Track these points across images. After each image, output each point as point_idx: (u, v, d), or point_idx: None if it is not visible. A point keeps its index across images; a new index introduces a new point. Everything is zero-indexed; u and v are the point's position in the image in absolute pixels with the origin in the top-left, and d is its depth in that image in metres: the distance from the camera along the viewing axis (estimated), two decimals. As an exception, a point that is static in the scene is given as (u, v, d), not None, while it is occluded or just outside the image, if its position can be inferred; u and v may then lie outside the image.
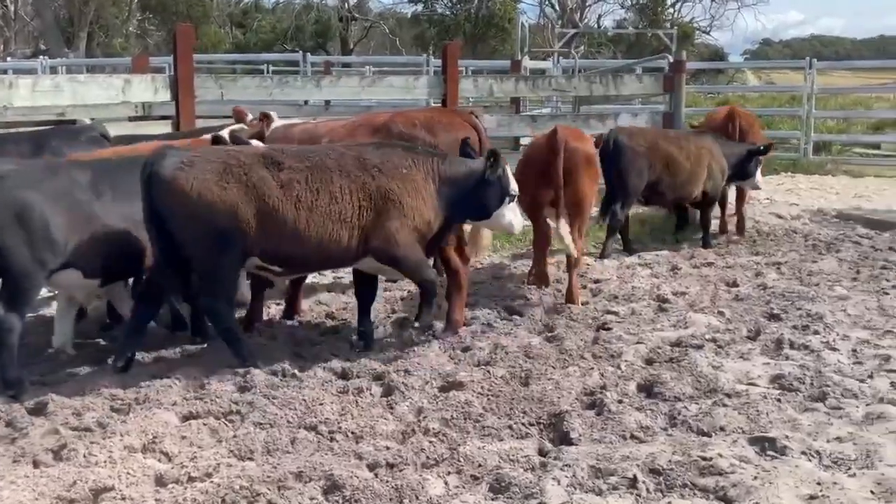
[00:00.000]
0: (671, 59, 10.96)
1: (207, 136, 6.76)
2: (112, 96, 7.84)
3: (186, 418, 4.59)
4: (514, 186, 5.87)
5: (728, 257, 8.77)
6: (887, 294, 7.03)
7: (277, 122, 7.14)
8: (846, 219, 11.21)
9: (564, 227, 6.58)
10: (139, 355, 5.56)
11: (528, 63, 16.22)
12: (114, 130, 8.01)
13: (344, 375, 5.24)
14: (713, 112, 11.47)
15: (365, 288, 5.90)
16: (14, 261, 4.83)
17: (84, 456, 4.06)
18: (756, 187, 10.02)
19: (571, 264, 6.87)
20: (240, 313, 6.06)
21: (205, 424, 4.46)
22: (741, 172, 9.56)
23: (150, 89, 8.13)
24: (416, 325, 6.05)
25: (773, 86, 30.52)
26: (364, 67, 22.64)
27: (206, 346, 5.76)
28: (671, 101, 10.55)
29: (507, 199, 5.83)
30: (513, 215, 5.93)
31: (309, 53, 22.25)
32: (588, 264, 8.22)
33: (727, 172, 9.44)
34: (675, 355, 5.50)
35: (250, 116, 7.33)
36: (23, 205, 4.85)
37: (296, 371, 5.23)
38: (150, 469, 3.97)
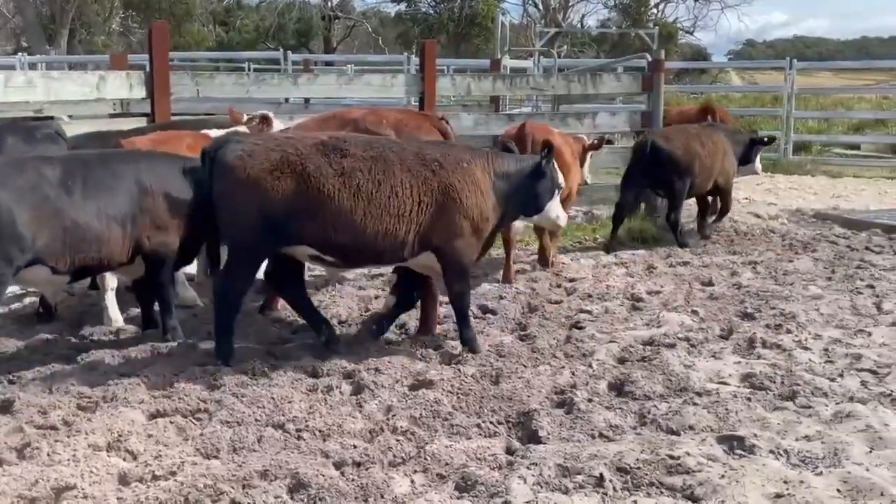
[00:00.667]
0: (650, 59, 10.94)
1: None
2: (86, 93, 7.75)
3: (153, 416, 4.54)
4: (560, 179, 5.94)
5: (704, 256, 8.80)
6: (860, 293, 7.07)
7: (278, 125, 7.15)
8: (824, 219, 11.29)
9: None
10: (107, 354, 5.51)
11: (508, 62, 16.24)
12: (91, 127, 8.00)
13: (314, 374, 5.21)
14: (685, 107, 11.77)
15: (413, 285, 5.83)
16: None
17: (48, 454, 4.01)
18: (755, 172, 10.57)
19: (509, 248, 7.30)
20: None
21: (171, 423, 4.42)
22: (743, 159, 10.16)
23: (125, 86, 8.05)
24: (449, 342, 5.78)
25: (756, 86, 30.64)
26: (345, 66, 22.59)
27: (175, 344, 5.71)
28: (650, 101, 10.55)
29: (557, 192, 5.85)
30: (559, 209, 5.95)
31: (290, 52, 22.12)
32: (564, 263, 8.23)
33: (736, 165, 10.00)
34: (648, 354, 5.51)
35: (246, 118, 7.33)
36: None
37: (266, 369, 5.18)
38: (113, 467, 3.93)
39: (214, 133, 6.63)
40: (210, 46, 39.88)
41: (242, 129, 7.27)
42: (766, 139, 10.48)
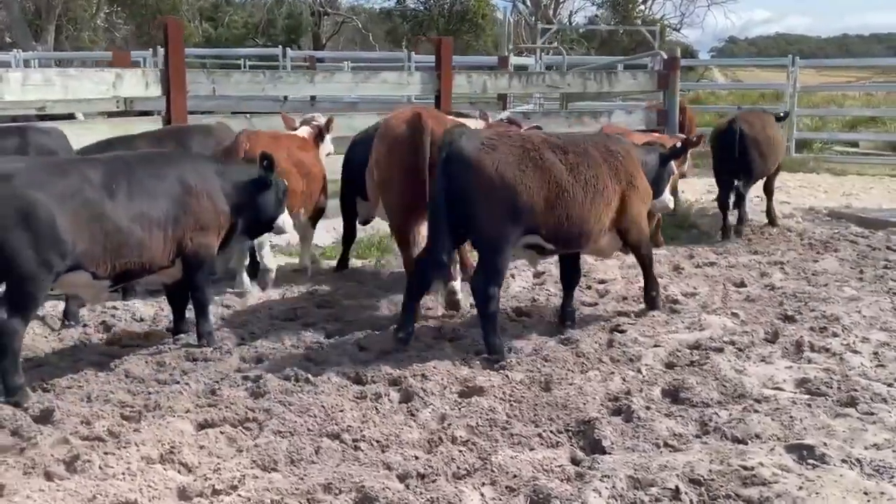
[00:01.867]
0: (664, 56, 10.86)
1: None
2: (103, 91, 7.61)
3: (202, 426, 4.40)
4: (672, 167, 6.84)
5: (728, 256, 8.71)
6: (896, 294, 6.99)
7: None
8: (838, 217, 11.22)
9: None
10: (140, 360, 5.36)
11: (513, 60, 16.10)
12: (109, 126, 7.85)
13: (358, 380, 5.08)
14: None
15: (571, 271, 6.23)
16: (19, 263, 4.59)
17: (100, 467, 3.86)
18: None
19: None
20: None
21: (222, 433, 4.28)
22: None
23: (140, 84, 7.90)
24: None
25: (749, 83, 30.69)
26: (342, 63, 22.39)
27: (210, 349, 5.57)
28: (666, 99, 10.48)
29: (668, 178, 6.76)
30: (669, 194, 6.90)
31: (289, 48, 21.88)
32: (590, 263, 8.12)
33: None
34: (696, 359, 5.40)
35: (297, 121, 7.64)
36: (28, 205, 4.60)
37: (309, 376, 5.05)
38: (171, 481, 3.79)
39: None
40: (197, 43, 39.51)
41: (304, 130, 7.59)
42: (782, 114, 10.75)
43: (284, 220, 6.16)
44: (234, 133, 7.15)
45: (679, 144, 6.94)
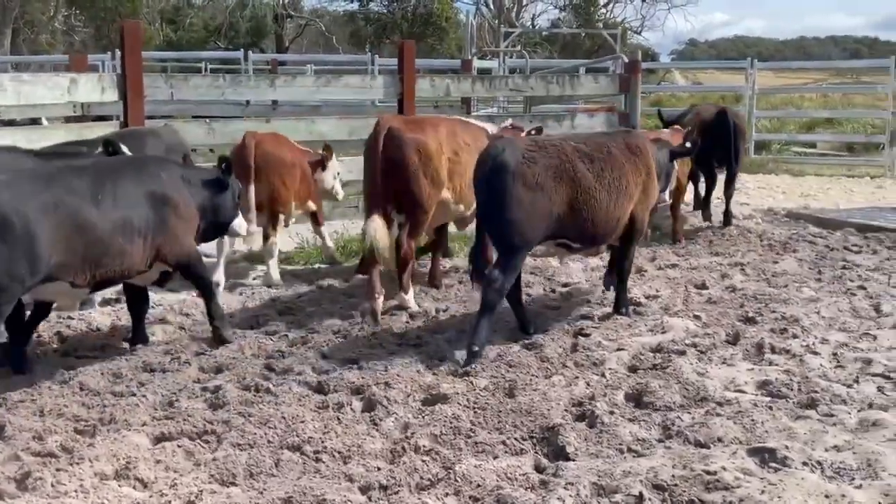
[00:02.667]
0: (626, 59, 10.89)
1: None
2: (57, 96, 7.42)
3: (159, 440, 4.29)
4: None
5: (690, 258, 8.75)
6: (854, 295, 7.04)
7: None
8: (797, 218, 11.32)
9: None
10: (96, 372, 5.23)
11: (476, 63, 16.10)
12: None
13: (321, 389, 5.00)
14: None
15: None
16: None
17: (52, 485, 3.74)
18: None
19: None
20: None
21: (179, 446, 4.17)
22: None
23: (96, 89, 7.72)
24: None
25: (710, 86, 30.99)
26: (305, 66, 22.23)
27: (168, 360, 5.45)
28: (627, 102, 10.50)
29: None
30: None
31: (251, 51, 21.68)
32: (554, 266, 8.11)
33: None
34: (659, 362, 5.40)
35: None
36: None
37: (269, 386, 4.96)
38: (126, 498, 3.68)
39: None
40: (158, 46, 39.06)
41: None
42: None
43: (239, 223, 6.17)
44: (180, 135, 7.19)
45: (688, 145, 7.31)
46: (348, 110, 14.31)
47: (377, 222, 6.31)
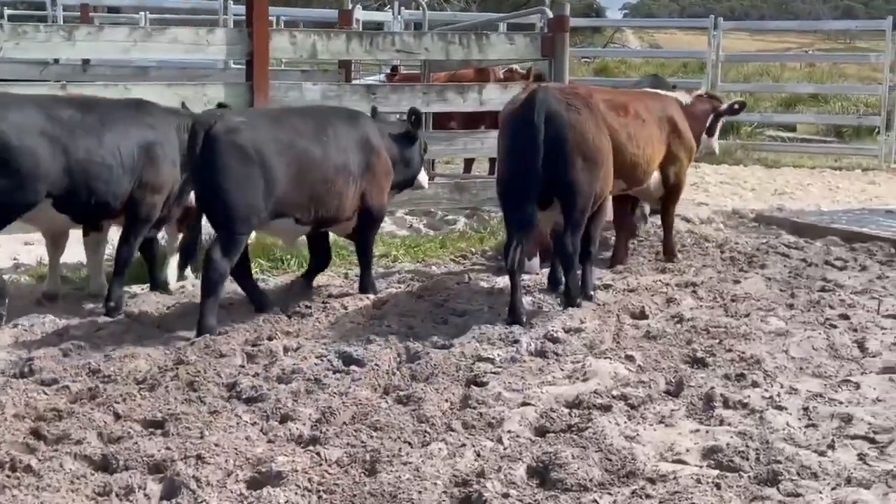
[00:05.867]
0: (549, 14, 10.71)
1: None
2: None
3: None
4: None
5: (628, 276, 8.63)
6: (835, 327, 7.00)
7: None
8: (767, 223, 11.48)
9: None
10: None
11: (360, 14, 15.85)
12: None
13: (105, 466, 4.63)
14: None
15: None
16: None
17: None
18: None
19: None
20: None
21: None
22: None
23: None
24: None
25: (669, 51, 31.42)
26: (138, 13, 21.60)
27: None
28: (552, 69, 10.34)
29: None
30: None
31: (60, -10, 20.86)
32: (451, 289, 7.89)
33: None
34: (576, 421, 5.19)
35: None
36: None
37: (32, 461, 4.57)
38: None
39: None
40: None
41: None
42: None
43: (423, 176, 8.40)
44: None
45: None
46: (187, 73, 13.84)
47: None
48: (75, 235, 7.80)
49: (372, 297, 7.68)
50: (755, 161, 17.48)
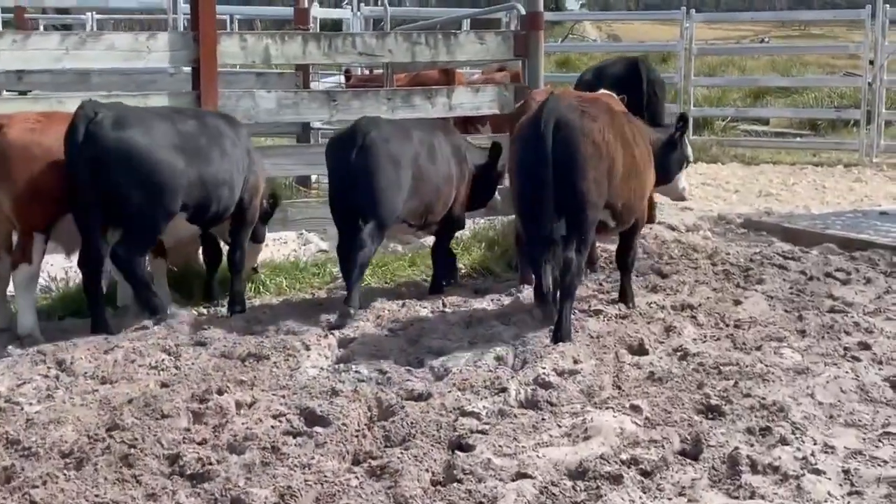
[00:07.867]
0: (522, 11, 9.93)
1: None
2: None
3: None
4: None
5: (617, 297, 7.84)
6: (858, 360, 6.24)
7: None
8: (757, 229, 11.03)
9: None
10: None
11: (316, 11, 15.15)
12: None
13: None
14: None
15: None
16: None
17: None
18: None
19: None
20: None
21: None
22: None
23: None
24: None
25: (630, 44, 30.72)
26: (84, 14, 20.64)
27: None
28: (526, 69, 9.57)
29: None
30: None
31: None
32: (421, 320, 7.08)
33: None
34: (582, 498, 4.39)
35: None
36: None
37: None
38: None
39: None
40: None
41: None
42: None
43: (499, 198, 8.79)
44: None
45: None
46: (140, 80, 12.92)
47: None
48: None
49: (336, 333, 6.87)
50: (732, 158, 16.94)
